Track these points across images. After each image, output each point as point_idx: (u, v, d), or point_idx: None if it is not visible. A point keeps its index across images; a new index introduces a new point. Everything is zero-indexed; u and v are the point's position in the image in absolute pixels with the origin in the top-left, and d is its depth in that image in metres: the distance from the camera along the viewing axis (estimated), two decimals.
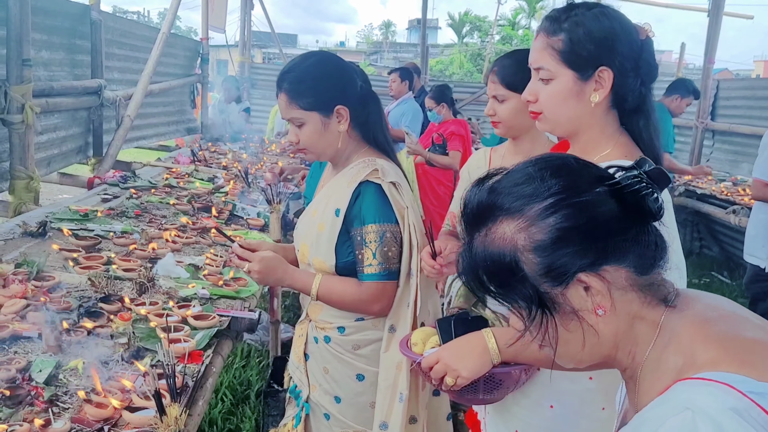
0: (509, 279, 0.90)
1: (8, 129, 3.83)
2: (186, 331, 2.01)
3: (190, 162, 5.41)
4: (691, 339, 0.86)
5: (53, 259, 2.61)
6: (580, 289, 0.88)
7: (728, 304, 0.95)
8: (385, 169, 1.84)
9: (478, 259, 0.92)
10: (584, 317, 0.90)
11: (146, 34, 6.54)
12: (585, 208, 0.87)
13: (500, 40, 31.04)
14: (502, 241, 0.90)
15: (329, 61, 1.92)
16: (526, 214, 0.89)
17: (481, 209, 0.93)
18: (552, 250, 0.87)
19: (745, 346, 0.83)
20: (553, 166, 0.92)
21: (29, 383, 1.67)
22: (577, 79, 1.42)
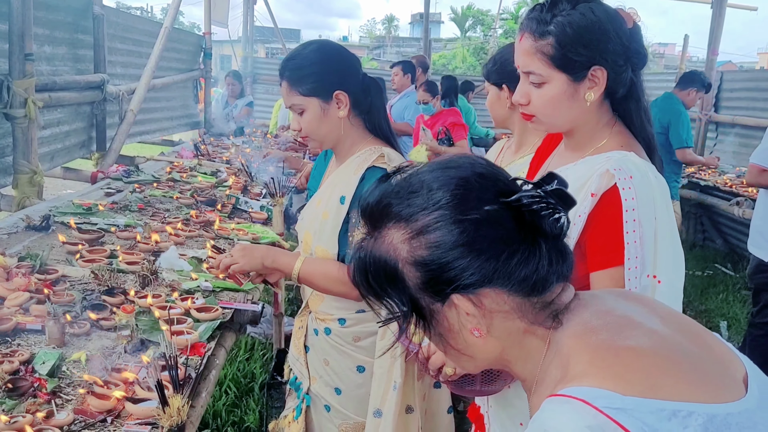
0: (391, 285, 0.90)
1: (11, 123, 3.84)
2: (189, 324, 2.02)
3: (193, 156, 5.42)
4: (569, 351, 0.85)
5: (57, 253, 2.62)
6: (456, 309, 0.88)
7: (626, 307, 0.92)
8: (392, 155, 1.85)
9: (366, 259, 0.92)
10: (459, 336, 0.90)
11: (149, 28, 6.54)
12: (470, 228, 0.85)
13: (503, 34, 30.92)
14: (388, 248, 0.89)
15: (329, 47, 1.93)
16: (412, 226, 0.87)
17: (376, 210, 0.93)
18: (430, 267, 0.86)
19: (618, 357, 0.81)
20: (448, 178, 0.89)
21: (32, 375, 1.68)
22: (570, 81, 1.41)
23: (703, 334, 0.93)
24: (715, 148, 8.06)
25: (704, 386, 0.80)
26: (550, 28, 1.39)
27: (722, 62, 15.43)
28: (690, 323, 0.95)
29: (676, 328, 0.90)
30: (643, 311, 0.91)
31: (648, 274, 1.37)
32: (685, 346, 0.86)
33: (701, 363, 0.84)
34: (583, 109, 1.44)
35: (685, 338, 0.88)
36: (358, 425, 1.93)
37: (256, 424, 3.20)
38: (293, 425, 1.96)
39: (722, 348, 0.92)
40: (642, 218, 1.35)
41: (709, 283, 5.96)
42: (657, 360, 0.81)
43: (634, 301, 0.95)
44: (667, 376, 0.79)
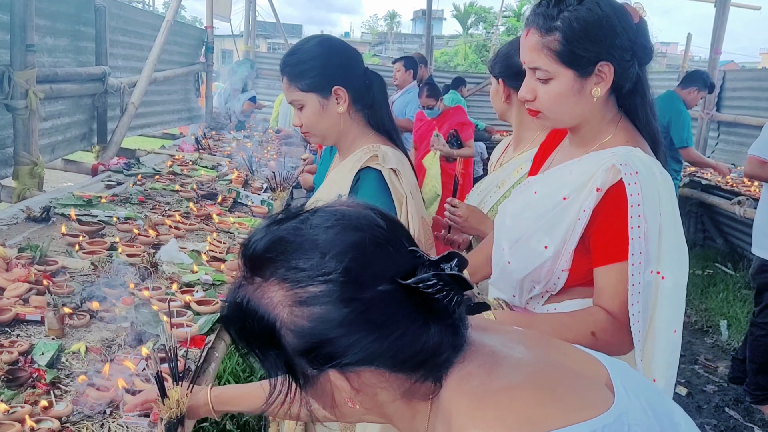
0: (265, 342, 0.84)
1: (12, 114, 3.83)
2: (188, 316, 2.02)
3: (194, 150, 5.41)
4: (449, 406, 0.83)
5: (57, 244, 2.61)
6: (331, 383, 0.84)
7: (490, 340, 0.90)
8: (387, 155, 1.83)
9: (244, 306, 0.85)
10: (334, 404, 0.86)
11: (151, 21, 6.53)
12: (359, 308, 0.80)
13: (505, 32, 30.89)
14: (268, 305, 0.83)
15: (329, 43, 1.92)
16: (297, 292, 0.81)
17: (261, 259, 0.85)
18: (311, 339, 0.81)
19: (494, 400, 0.80)
20: (343, 245, 0.82)
21: (31, 366, 1.68)
22: (577, 77, 1.40)
23: (563, 348, 0.94)
24: (717, 147, 8.05)
25: (578, 405, 0.81)
26: (556, 23, 1.37)
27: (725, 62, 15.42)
28: (548, 341, 0.96)
29: (537, 350, 0.91)
30: (505, 341, 0.91)
31: (652, 269, 1.36)
32: (551, 367, 0.88)
33: (569, 381, 0.86)
34: (590, 104, 1.43)
35: (548, 359, 0.90)
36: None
37: (255, 418, 3.20)
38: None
39: (582, 357, 0.94)
40: (647, 214, 1.34)
41: (709, 282, 5.96)
42: (530, 393, 0.81)
43: (494, 331, 0.94)
44: (543, 406, 0.79)
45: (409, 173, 1.88)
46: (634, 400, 0.87)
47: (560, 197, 1.45)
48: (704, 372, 4.34)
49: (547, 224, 1.46)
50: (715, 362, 4.48)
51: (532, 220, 1.49)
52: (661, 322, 1.39)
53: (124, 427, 1.49)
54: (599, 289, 1.42)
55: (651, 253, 1.35)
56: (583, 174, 1.42)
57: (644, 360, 1.41)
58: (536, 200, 1.52)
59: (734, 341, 4.73)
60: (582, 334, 1.39)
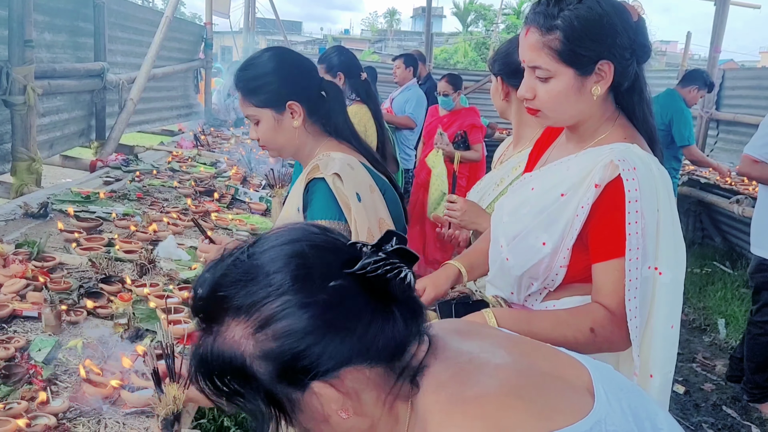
0: (241, 383, 0.83)
1: (10, 110, 3.83)
2: (186, 313, 2.01)
3: (192, 146, 5.40)
4: (425, 413, 0.83)
5: (54, 240, 2.60)
6: (317, 397, 0.82)
7: (471, 346, 0.91)
8: (331, 161, 1.81)
9: (208, 359, 0.84)
10: (327, 420, 0.84)
11: (150, 17, 6.52)
12: (319, 310, 0.80)
13: (505, 29, 30.84)
14: (232, 344, 0.82)
15: (282, 56, 1.89)
16: (255, 317, 0.80)
17: (208, 306, 0.84)
18: (283, 358, 0.80)
19: (467, 408, 0.80)
20: (285, 258, 0.83)
21: (28, 362, 1.67)
22: (577, 75, 1.40)
23: (546, 352, 0.94)
24: (716, 146, 8.05)
25: (554, 412, 0.81)
26: (557, 22, 1.37)
27: (724, 60, 15.42)
28: (530, 344, 0.96)
29: (519, 355, 0.91)
30: (486, 346, 0.91)
31: (649, 265, 1.36)
32: (531, 373, 0.87)
33: (548, 386, 0.85)
34: (589, 103, 1.43)
35: (529, 363, 0.89)
36: None
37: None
38: None
39: (565, 361, 0.93)
40: (644, 210, 1.34)
41: (707, 280, 5.96)
42: (503, 400, 0.81)
43: (477, 336, 0.94)
44: (518, 414, 0.79)
45: (360, 174, 1.84)
46: (615, 404, 0.86)
47: (558, 193, 1.45)
48: (702, 370, 4.35)
49: (546, 221, 1.46)
50: (713, 360, 4.48)
51: (530, 216, 1.49)
52: (659, 318, 1.39)
53: (120, 424, 1.49)
54: (597, 286, 1.42)
55: (648, 249, 1.35)
56: (581, 170, 1.42)
57: (642, 356, 1.41)
58: (534, 197, 1.52)
59: (732, 340, 4.73)
60: (581, 330, 1.39)
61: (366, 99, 3.54)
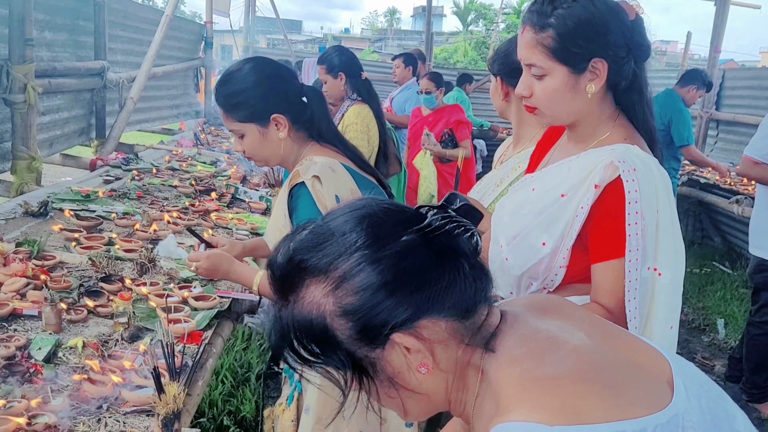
0: (323, 347, 0.85)
1: (10, 109, 3.83)
2: (186, 312, 2.01)
3: (192, 145, 5.41)
4: (497, 385, 0.84)
5: (54, 239, 2.61)
6: (398, 349, 0.84)
7: (549, 325, 0.90)
8: (311, 165, 1.81)
9: (288, 327, 0.87)
10: (408, 377, 0.86)
11: (150, 16, 6.52)
12: (393, 262, 0.83)
13: (505, 29, 30.84)
14: (312, 307, 0.85)
15: (261, 69, 1.87)
16: (333, 275, 0.84)
17: (287, 273, 0.87)
18: (362, 312, 0.82)
19: (541, 387, 0.80)
20: (356, 219, 0.87)
21: (28, 361, 1.68)
22: (570, 73, 1.41)
23: (625, 340, 0.93)
24: (716, 145, 8.06)
25: (631, 401, 0.79)
26: (550, 20, 1.39)
27: (724, 60, 15.43)
28: (613, 329, 0.95)
29: (599, 339, 0.89)
30: (566, 326, 0.90)
31: (649, 266, 1.37)
32: (610, 359, 0.86)
33: (626, 374, 0.84)
34: (585, 101, 1.44)
35: (609, 348, 0.88)
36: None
37: (252, 414, 3.20)
38: (286, 412, 1.96)
39: (646, 350, 0.92)
40: (644, 211, 1.35)
41: (707, 280, 5.96)
42: (581, 383, 0.80)
43: (557, 315, 0.93)
44: (593, 398, 0.78)
45: (341, 177, 1.84)
46: (694, 401, 0.84)
47: (558, 194, 1.45)
48: (701, 370, 4.35)
49: (546, 221, 1.46)
50: (712, 360, 4.48)
51: (531, 216, 1.50)
52: (658, 319, 1.40)
53: (120, 422, 1.49)
54: (596, 286, 1.42)
55: (648, 249, 1.36)
56: (582, 171, 1.43)
57: None
58: (534, 197, 1.52)
59: (731, 340, 4.73)
60: None
61: (367, 98, 3.55)
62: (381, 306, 0.82)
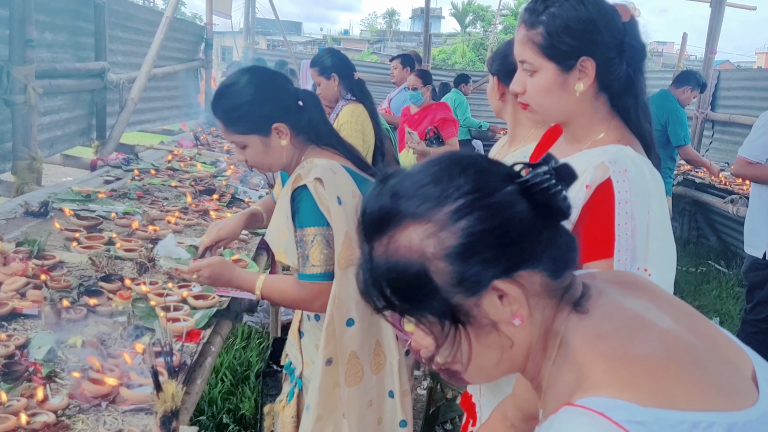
0: (418, 292, 0.82)
1: (11, 110, 3.84)
2: (185, 311, 2.03)
3: (192, 146, 5.43)
4: (581, 358, 0.82)
5: (55, 239, 2.63)
6: (495, 298, 0.82)
7: (635, 304, 0.88)
8: (312, 168, 1.82)
9: (380, 271, 0.84)
10: (501, 328, 0.84)
11: (150, 17, 6.54)
12: (498, 209, 0.81)
13: (503, 30, 30.82)
14: (409, 249, 0.81)
15: (258, 79, 1.87)
16: (435, 218, 0.81)
17: (383, 214, 0.84)
18: (465, 256, 0.80)
19: (632, 366, 0.77)
20: (461, 165, 0.85)
21: (28, 359, 1.69)
22: (559, 71, 1.43)
23: (710, 329, 0.90)
24: (711, 146, 8.08)
25: (720, 392, 0.77)
26: (541, 18, 1.42)
27: (720, 61, 15.43)
28: (696, 317, 0.92)
29: (685, 325, 0.86)
30: (652, 308, 0.87)
31: (638, 266, 1.38)
32: (696, 346, 0.83)
33: (714, 365, 0.81)
34: (574, 99, 1.45)
35: (694, 336, 0.85)
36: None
37: (252, 412, 3.22)
38: (286, 409, 1.98)
39: (729, 343, 0.89)
40: (635, 211, 1.36)
41: (702, 279, 5.98)
42: (672, 367, 0.78)
43: (643, 295, 0.91)
44: (684, 384, 0.76)
45: (342, 179, 1.85)
46: None
47: None
48: None
49: None
50: None
51: None
52: None
53: (119, 421, 1.51)
54: None
55: (638, 250, 1.37)
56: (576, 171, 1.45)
57: None
58: None
59: None
60: None
61: (361, 98, 3.58)
62: (484, 252, 0.80)
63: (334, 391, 1.85)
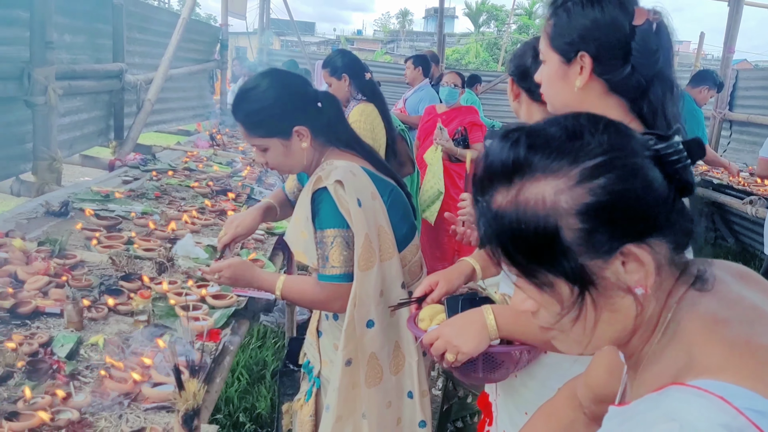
0: (545, 248, 0.78)
1: (32, 110, 3.89)
2: (204, 310, 2.06)
3: (208, 146, 5.47)
4: (694, 338, 0.78)
5: (75, 238, 2.66)
6: (620, 264, 0.77)
7: (752, 296, 0.84)
8: (332, 170, 1.83)
9: (505, 223, 0.79)
10: (621, 294, 0.79)
11: (167, 19, 6.59)
12: (638, 171, 0.77)
13: (516, 30, 30.75)
14: (539, 203, 0.77)
15: (278, 84, 1.88)
16: (571, 173, 0.77)
17: (513, 164, 0.79)
18: (599, 215, 0.76)
19: (755, 355, 0.73)
20: (602, 122, 0.82)
21: (51, 357, 1.72)
22: (561, 62, 1.44)
23: None
24: (729, 146, 8.01)
25: None
26: (555, 10, 1.44)
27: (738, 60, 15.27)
28: None
29: None
30: (763, 300, 0.84)
31: None
32: None
33: None
34: (573, 94, 1.44)
35: None
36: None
37: (267, 411, 3.24)
38: (305, 407, 2.00)
39: None
40: None
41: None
42: None
43: (755, 287, 0.87)
44: None
45: (362, 181, 1.86)
46: None
47: None
48: None
49: None
50: None
51: None
52: None
53: (141, 418, 1.53)
54: None
55: None
56: None
57: None
58: None
59: None
60: None
61: (372, 97, 3.59)
62: (622, 211, 0.76)
63: (354, 391, 1.86)
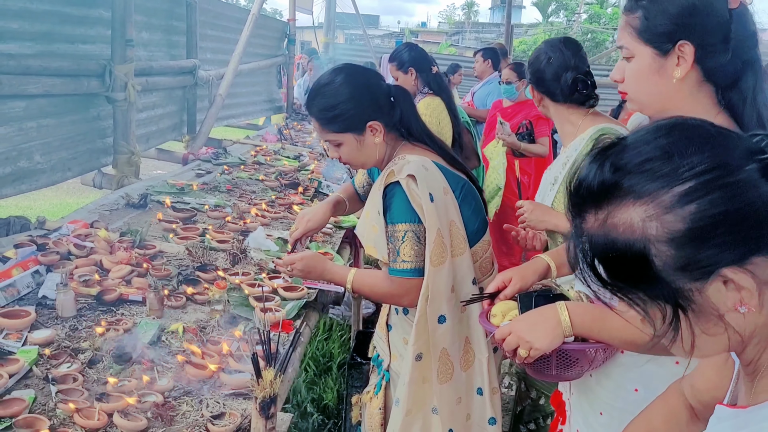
0: (634, 273, 0.77)
1: (112, 106, 4.06)
2: (276, 302, 2.11)
3: (276, 140, 5.57)
4: None
5: (153, 230, 2.77)
6: (721, 284, 0.74)
7: None
8: (405, 165, 1.83)
9: (594, 247, 0.78)
10: (723, 315, 0.76)
11: (237, 15, 6.75)
12: (738, 191, 0.73)
13: (587, 19, 30.04)
14: (628, 228, 0.76)
15: (352, 80, 1.89)
16: (661, 199, 0.74)
17: (603, 189, 0.78)
18: (694, 241, 0.73)
19: None
20: (696, 138, 0.77)
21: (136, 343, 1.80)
22: (655, 55, 1.37)
23: None
24: None
25: None
26: (640, 2, 1.39)
27: None
28: None
29: None
30: None
31: None
32: None
33: None
34: (670, 87, 1.38)
35: None
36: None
37: (334, 402, 3.30)
38: (374, 400, 2.02)
39: None
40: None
41: None
42: None
43: None
44: None
45: (434, 175, 1.85)
46: None
47: None
48: None
49: None
50: None
51: None
52: None
53: (221, 404, 1.59)
54: None
55: None
56: None
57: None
58: None
59: None
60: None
61: (438, 91, 3.58)
62: (715, 238, 0.73)
63: (424, 386, 1.87)
